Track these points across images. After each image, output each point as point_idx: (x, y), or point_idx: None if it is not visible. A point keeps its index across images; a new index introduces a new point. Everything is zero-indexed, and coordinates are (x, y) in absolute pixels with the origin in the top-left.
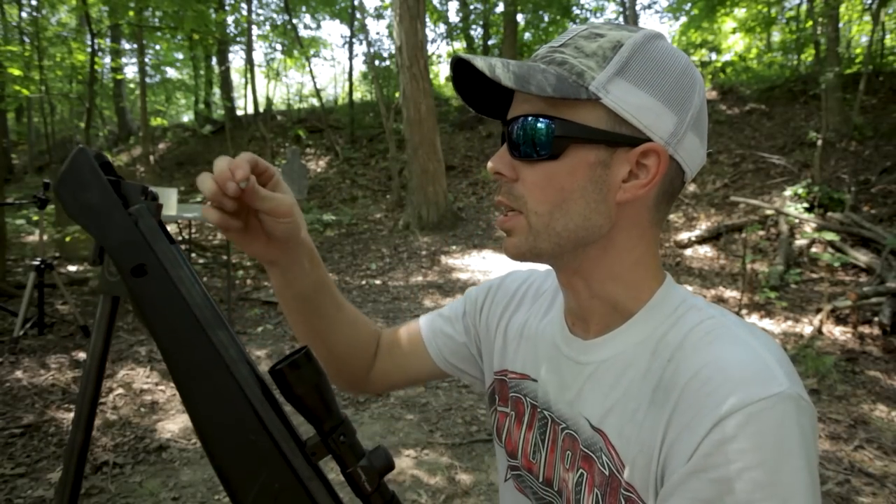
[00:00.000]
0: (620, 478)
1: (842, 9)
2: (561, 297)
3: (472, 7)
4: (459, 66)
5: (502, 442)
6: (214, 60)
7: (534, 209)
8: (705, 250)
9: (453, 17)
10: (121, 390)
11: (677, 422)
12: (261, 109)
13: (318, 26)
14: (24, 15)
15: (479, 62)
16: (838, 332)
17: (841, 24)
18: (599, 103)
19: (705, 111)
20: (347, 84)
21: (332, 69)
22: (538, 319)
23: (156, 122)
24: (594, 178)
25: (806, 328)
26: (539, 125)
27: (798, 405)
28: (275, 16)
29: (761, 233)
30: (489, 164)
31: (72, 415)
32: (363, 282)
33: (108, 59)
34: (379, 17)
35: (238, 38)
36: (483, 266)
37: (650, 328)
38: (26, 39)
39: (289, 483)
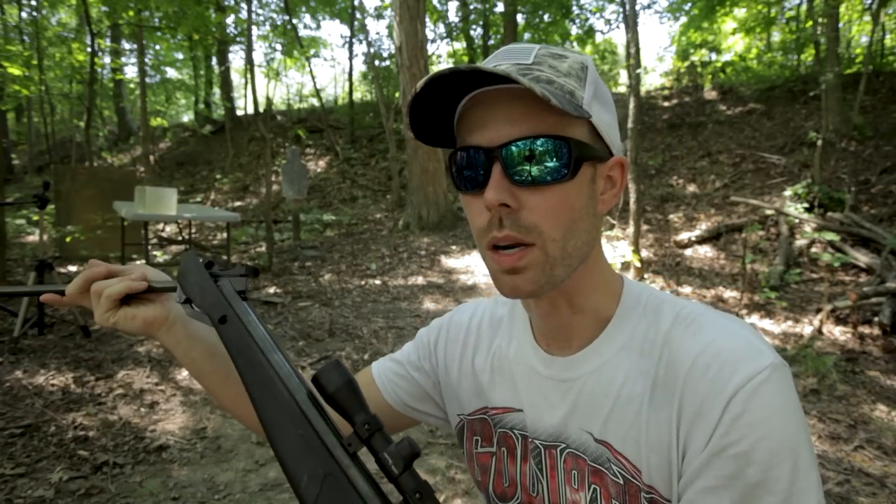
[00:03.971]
0: (639, 482)
1: (842, 9)
2: (520, 321)
3: (471, 7)
4: (434, 84)
5: (489, 487)
6: (214, 60)
7: (551, 236)
8: (705, 250)
9: (453, 17)
10: (121, 390)
11: (688, 412)
12: (261, 109)
13: (318, 26)
14: (24, 15)
15: (494, 64)
16: (838, 332)
17: (841, 24)
18: (588, 121)
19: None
20: (347, 84)
21: (332, 69)
22: (505, 348)
23: (156, 122)
24: (591, 194)
25: (806, 328)
26: (557, 146)
27: (784, 371)
28: (275, 16)
29: (761, 233)
30: (489, 197)
31: (72, 415)
32: (363, 282)
33: (108, 59)
34: (379, 17)
35: (238, 39)
36: (483, 266)
37: (629, 329)
38: (26, 39)
39: (331, 469)
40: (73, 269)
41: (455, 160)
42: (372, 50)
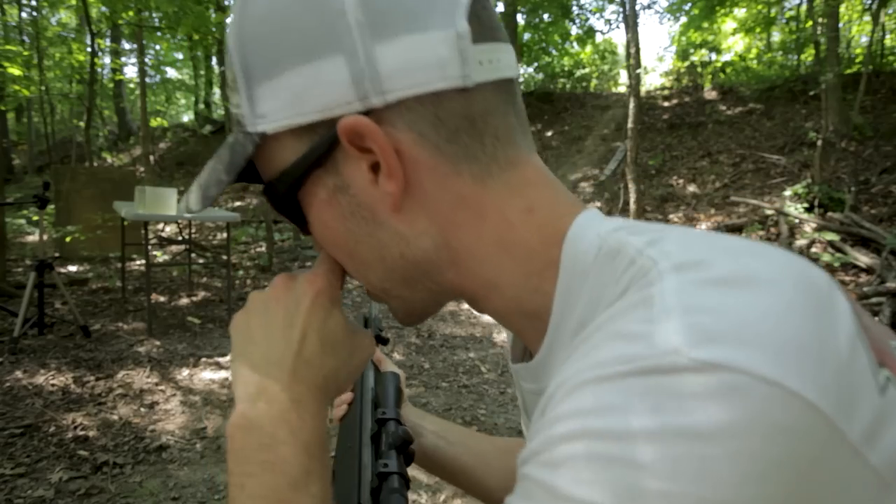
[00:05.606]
0: None
1: (842, 9)
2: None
3: None
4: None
5: None
6: (214, 60)
7: (356, 276)
8: None
9: None
10: (121, 390)
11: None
12: None
13: None
14: (24, 15)
15: (182, 203)
16: None
17: (841, 24)
18: (275, 136)
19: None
20: None
21: None
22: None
23: (156, 122)
24: (346, 212)
25: None
26: (269, 198)
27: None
28: None
29: (761, 233)
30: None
31: (72, 415)
32: None
33: (108, 59)
34: None
35: None
36: None
37: (576, 312)
38: (26, 39)
39: (350, 443)
40: (72, 268)
41: None
42: None
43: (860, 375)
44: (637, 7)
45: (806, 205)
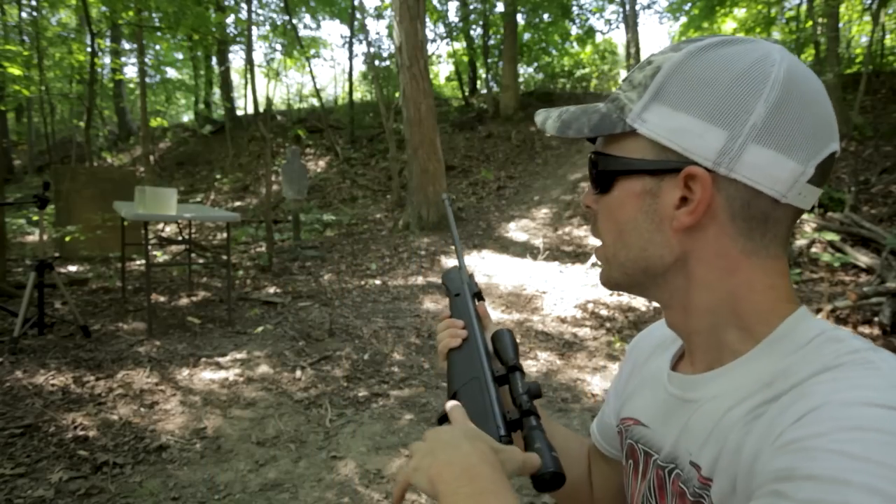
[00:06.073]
0: (706, 499)
1: (842, 9)
2: (678, 340)
3: (471, 7)
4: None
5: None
6: (214, 60)
7: (604, 240)
8: None
9: (453, 17)
10: (121, 390)
11: (764, 422)
12: (261, 109)
13: (318, 26)
14: (24, 15)
15: (538, 118)
16: None
17: (841, 24)
18: (639, 134)
19: (790, 116)
20: (347, 84)
21: (332, 69)
22: (654, 363)
23: (156, 122)
24: (644, 209)
25: None
26: (594, 161)
27: None
28: (275, 16)
29: None
30: (582, 199)
31: (72, 415)
32: (363, 282)
33: (108, 59)
34: (379, 17)
35: (238, 39)
36: (483, 266)
37: (771, 362)
38: (26, 39)
39: (478, 375)
40: (72, 268)
41: None
42: (372, 50)
43: None
44: (637, 7)
45: None
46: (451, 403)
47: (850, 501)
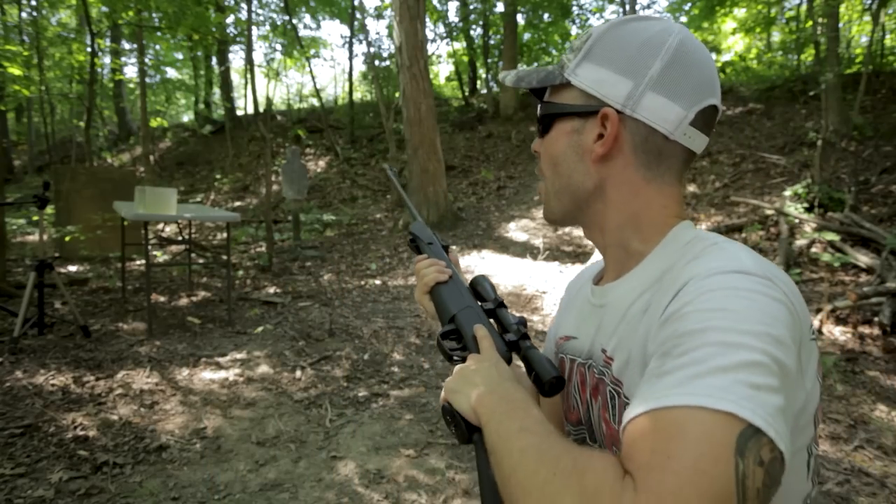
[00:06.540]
0: (608, 375)
1: (842, 9)
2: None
3: (471, 7)
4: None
5: (564, 414)
6: (214, 60)
7: (546, 175)
8: None
9: (453, 17)
10: (121, 390)
11: (654, 305)
12: (261, 109)
13: (318, 26)
14: (24, 15)
15: (501, 75)
16: (838, 333)
17: (841, 24)
18: (572, 85)
19: (678, 72)
20: (347, 84)
21: (332, 69)
22: (586, 288)
23: (156, 122)
24: (571, 144)
25: None
26: (539, 109)
27: (760, 280)
28: (275, 16)
29: (761, 233)
30: (532, 146)
31: (72, 415)
32: (363, 282)
33: (108, 59)
34: (379, 17)
35: (238, 39)
36: (483, 266)
37: (660, 263)
38: (26, 39)
39: (470, 304)
40: (72, 269)
41: None
42: (372, 50)
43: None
44: (637, 7)
45: (806, 205)
46: (481, 331)
47: (708, 339)
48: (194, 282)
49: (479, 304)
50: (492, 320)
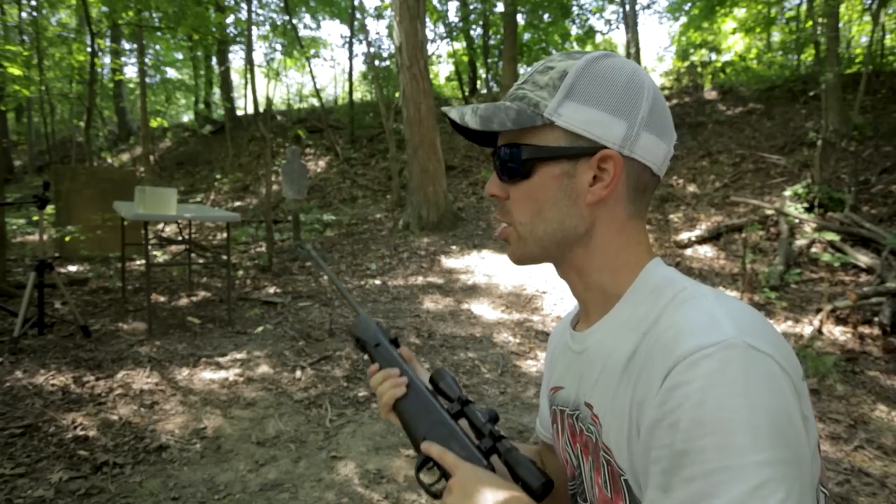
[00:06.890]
0: (598, 440)
1: (842, 9)
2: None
3: (471, 7)
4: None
5: (566, 471)
6: (214, 60)
7: (518, 220)
8: (705, 250)
9: (453, 17)
10: (121, 390)
11: (642, 384)
12: (261, 109)
13: (318, 26)
14: (24, 15)
15: (453, 113)
16: (838, 333)
17: (841, 24)
18: (555, 126)
19: (659, 110)
20: (347, 84)
21: (332, 69)
22: (566, 335)
23: (156, 122)
24: (563, 188)
25: (806, 328)
26: (512, 152)
27: (743, 352)
28: (275, 16)
29: (761, 233)
30: (486, 189)
31: (72, 415)
32: (363, 282)
33: (108, 59)
34: (379, 17)
35: (238, 39)
36: (483, 266)
37: (631, 308)
38: (26, 39)
39: (440, 418)
40: (72, 269)
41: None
42: (372, 50)
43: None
44: (637, 7)
45: (806, 205)
46: (437, 449)
47: (711, 465)
48: (194, 282)
49: (445, 406)
50: (461, 420)
